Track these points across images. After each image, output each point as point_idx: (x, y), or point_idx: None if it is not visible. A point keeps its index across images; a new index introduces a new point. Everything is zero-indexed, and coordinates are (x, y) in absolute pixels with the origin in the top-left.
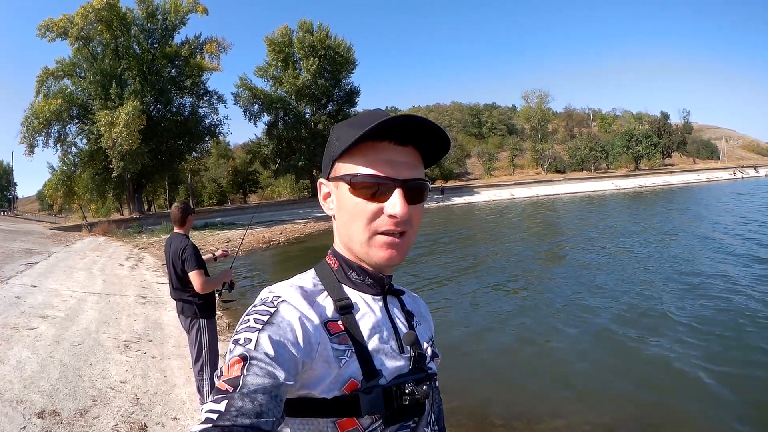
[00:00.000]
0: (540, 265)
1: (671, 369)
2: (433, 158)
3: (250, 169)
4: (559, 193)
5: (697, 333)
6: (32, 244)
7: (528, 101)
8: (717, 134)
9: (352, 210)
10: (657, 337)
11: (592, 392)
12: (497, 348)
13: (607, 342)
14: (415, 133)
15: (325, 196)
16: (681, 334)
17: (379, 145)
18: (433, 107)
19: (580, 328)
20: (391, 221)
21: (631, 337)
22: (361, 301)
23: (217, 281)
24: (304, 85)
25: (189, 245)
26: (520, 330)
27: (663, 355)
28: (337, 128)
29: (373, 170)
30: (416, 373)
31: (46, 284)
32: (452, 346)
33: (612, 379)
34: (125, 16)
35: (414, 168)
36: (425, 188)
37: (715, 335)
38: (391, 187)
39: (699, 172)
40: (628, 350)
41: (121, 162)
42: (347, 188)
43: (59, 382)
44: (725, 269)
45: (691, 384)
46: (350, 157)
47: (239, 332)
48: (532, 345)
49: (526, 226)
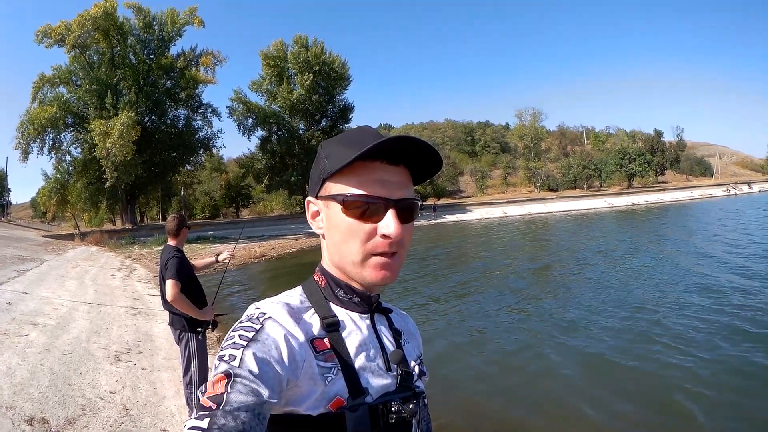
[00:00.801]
0: (532, 283)
1: (664, 385)
2: (423, 177)
3: (243, 183)
4: (552, 211)
5: (692, 350)
6: (25, 251)
7: (521, 119)
8: (710, 151)
9: (344, 230)
10: (651, 354)
11: (584, 409)
12: (488, 364)
13: (599, 359)
14: (407, 152)
15: (314, 215)
16: (673, 352)
17: (371, 164)
18: (427, 125)
19: (572, 344)
20: (385, 242)
21: (625, 354)
22: (348, 319)
23: (193, 308)
24: (298, 101)
25: (175, 256)
26: (512, 347)
27: (657, 372)
28: (326, 145)
29: (366, 190)
30: (403, 391)
31: (38, 292)
32: (443, 362)
33: (605, 396)
34: (122, 26)
35: (405, 187)
36: (416, 207)
37: (712, 352)
38: (384, 207)
39: (692, 189)
40: (621, 367)
41: (114, 172)
42: (339, 208)
43: (49, 390)
44: (723, 284)
45: (685, 401)
46: (342, 177)
47: (224, 348)
48: (523, 361)
49: (518, 244)
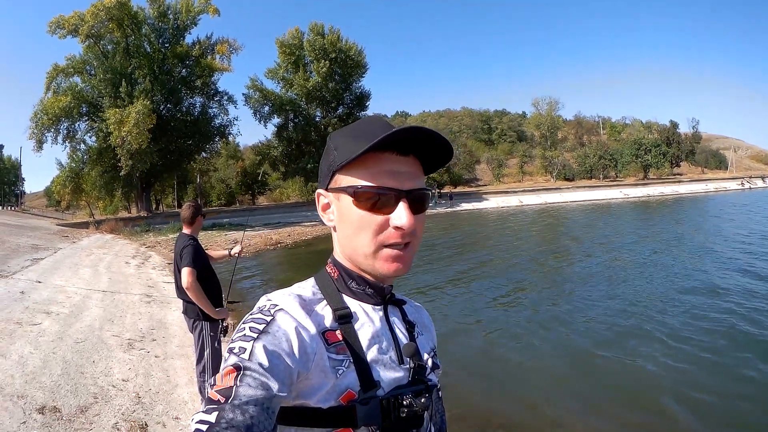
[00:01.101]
0: (545, 276)
1: (675, 383)
2: (434, 166)
3: (259, 170)
4: (568, 201)
5: (704, 348)
6: (38, 240)
7: (538, 108)
8: (725, 144)
9: (356, 222)
10: (663, 351)
11: (596, 404)
12: (501, 357)
13: (613, 354)
14: (417, 143)
15: (324, 207)
16: (687, 348)
17: (382, 156)
18: (444, 112)
19: (586, 339)
20: (397, 233)
21: (637, 351)
22: (361, 310)
23: (207, 302)
24: (315, 88)
25: (190, 244)
26: (525, 340)
27: (668, 369)
28: (335, 137)
29: (377, 182)
30: (415, 384)
31: (52, 280)
32: (456, 354)
33: (617, 392)
34: (136, 15)
35: (416, 178)
36: (428, 197)
37: (722, 350)
38: (396, 198)
39: (707, 182)
40: (634, 364)
41: (129, 161)
42: (350, 200)
43: (61, 378)
44: (733, 282)
45: (698, 398)
46: (352, 169)
47: (235, 340)
48: (536, 355)
49: (533, 234)
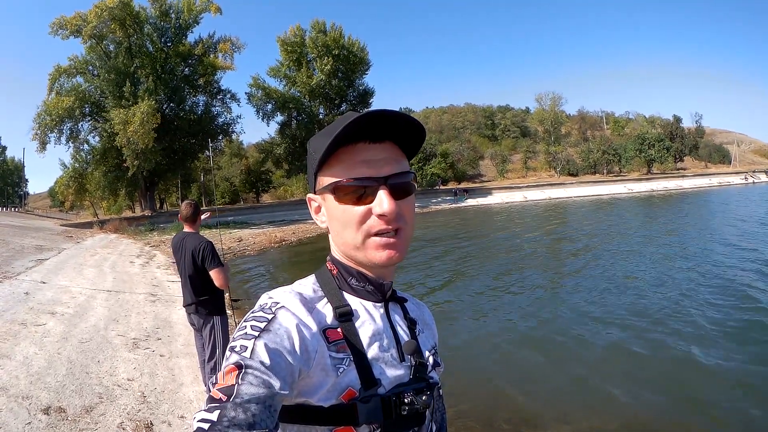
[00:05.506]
0: (549, 270)
1: (680, 376)
2: (414, 148)
3: (263, 168)
4: (572, 196)
5: (710, 339)
6: (42, 241)
7: (541, 103)
8: (729, 138)
9: (341, 218)
10: (668, 343)
11: (601, 399)
12: (505, 352)
13: (616, 348)
14: (387, 128)
15: (316, 210)
16: (690, 341)
17: (355, 147)
18: (447, 108)
19: (590, 333)
20: (381, 221)
21: (641, 344)
22: (362, 308)
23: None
24: (318, 85)
25: (208, 243)
26: (529, 334)
27: (673, 361)
28: (313, 141)
29: (353, 173)
30: (416, 382)
31: (56, 281)
32: (459, 349)
33: (622, 386)
34: (138, 15)
35: (395, 162)
36: (409, 180)
37: (730, 341)
38: (374, 187)
39: (711, 177)
40: (638, 357)
41: (135, 160)
42: (332, 198)
43: (66, 378)
44: (740, 275)
45: (701, 391)
46: (329, 167)
47: (236, 339)
48: (540, 350)
49: (538, 229)
